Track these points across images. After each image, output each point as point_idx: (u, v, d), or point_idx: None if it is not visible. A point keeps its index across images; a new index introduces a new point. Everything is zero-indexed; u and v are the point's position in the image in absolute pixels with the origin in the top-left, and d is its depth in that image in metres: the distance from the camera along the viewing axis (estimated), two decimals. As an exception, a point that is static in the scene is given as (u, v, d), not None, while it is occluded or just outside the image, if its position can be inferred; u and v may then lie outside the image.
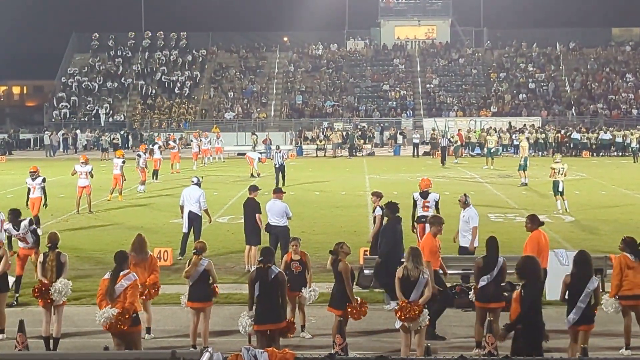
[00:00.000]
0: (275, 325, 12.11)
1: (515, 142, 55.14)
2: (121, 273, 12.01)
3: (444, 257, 15.55)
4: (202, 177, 25.58)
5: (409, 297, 12.39)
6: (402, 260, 13.14)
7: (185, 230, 21.35)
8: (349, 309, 13.24)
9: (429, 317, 12.64)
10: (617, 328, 14.34)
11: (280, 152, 37.89)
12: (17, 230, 17.22)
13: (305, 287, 14.44)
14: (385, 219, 17.10)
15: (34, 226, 17.67)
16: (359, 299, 13.61)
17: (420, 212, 19.79)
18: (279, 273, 12.25)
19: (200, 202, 21.21)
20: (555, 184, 28.34)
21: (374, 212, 19.24)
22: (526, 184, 36.76)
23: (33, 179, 25.40)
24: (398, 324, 12.53)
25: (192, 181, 21.98)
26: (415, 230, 20.00)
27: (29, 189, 25.55)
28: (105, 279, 12.12)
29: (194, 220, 21.26)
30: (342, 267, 13.48)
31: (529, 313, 11.20)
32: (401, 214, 16.83)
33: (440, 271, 14.92)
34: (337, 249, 13.60)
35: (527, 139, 58.15)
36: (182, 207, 21.55)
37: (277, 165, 37.21)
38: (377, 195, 19.47)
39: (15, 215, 17.39)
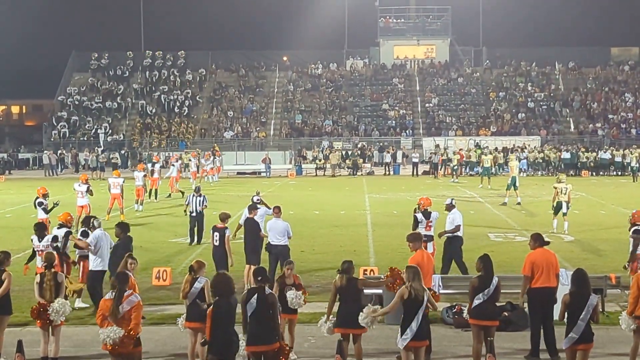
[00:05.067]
0: (268, 346, 11.90)
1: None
2: (125, 294, 11.92)
3: (445, 277, 15.48)
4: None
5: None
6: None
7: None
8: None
9: None
10: (617, 349, 14.30)
11: (200, 196, 26.86)
12: (40, 242, 17.63)
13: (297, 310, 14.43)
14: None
15: (56, 243, 17.80)
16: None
17: (422, 231, 19.70)
18: (269, 294, 12.07)
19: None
20: (558, 204, 28.14)
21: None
22: (519, 204, 36.71)
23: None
24: (401, 344, 12.44)
25: (253, 200, 21.81)
26: None
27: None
28: (106, 299, 12.00)
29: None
30: (362, 283, 13.60)
31: (219, 328, 11.42)
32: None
33: None
34: (349, 267, 13.43)
35: (527, 158, 58.55)
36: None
37: (193, 214, 26.60)
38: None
39: (40, 228, 17.99)
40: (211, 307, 11.79)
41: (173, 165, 45.26)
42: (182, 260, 22.99)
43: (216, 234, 19.29)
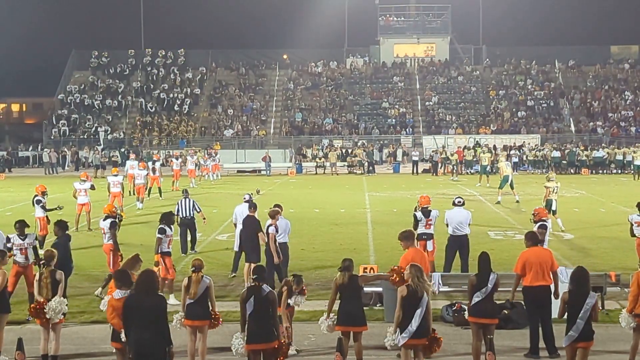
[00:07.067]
0: (267, 344, 11.94)
1: (515, 160, 55.44)
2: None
3: (444, 274, 15.46)
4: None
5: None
6: None
7: (236, 248, 20.96)
8: None
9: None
10: (617, 346, 14.29)
11: (188, 198, 24.38)
12: (23, 240, 17.03)
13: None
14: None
15: (37, 242, 17.61)
16: None
17: (422, 229, 19.74)
18: (269, 292, 12.09)
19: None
20: (549, 203, 28.13)
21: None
22: (517, 202, 36.65)
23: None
24: (400, 342, 12.44)
25: (244, 198, 21.74)
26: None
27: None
28: (117, 299, 11.86)
29: None
30: (363, 280, 13.72)
31: (132, 323, 11.08)
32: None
33: None
34: (350, 264, 13.45)
35: (525, 155, 58.54)
36: (235, 225, 21.35)
37: (181, 217, 23.93)
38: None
39: (22, 225, 17.20)
40: (124, 299, 11.43)
41: (188, 158, 49.57)
42: (182, 259, 22.98)
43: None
